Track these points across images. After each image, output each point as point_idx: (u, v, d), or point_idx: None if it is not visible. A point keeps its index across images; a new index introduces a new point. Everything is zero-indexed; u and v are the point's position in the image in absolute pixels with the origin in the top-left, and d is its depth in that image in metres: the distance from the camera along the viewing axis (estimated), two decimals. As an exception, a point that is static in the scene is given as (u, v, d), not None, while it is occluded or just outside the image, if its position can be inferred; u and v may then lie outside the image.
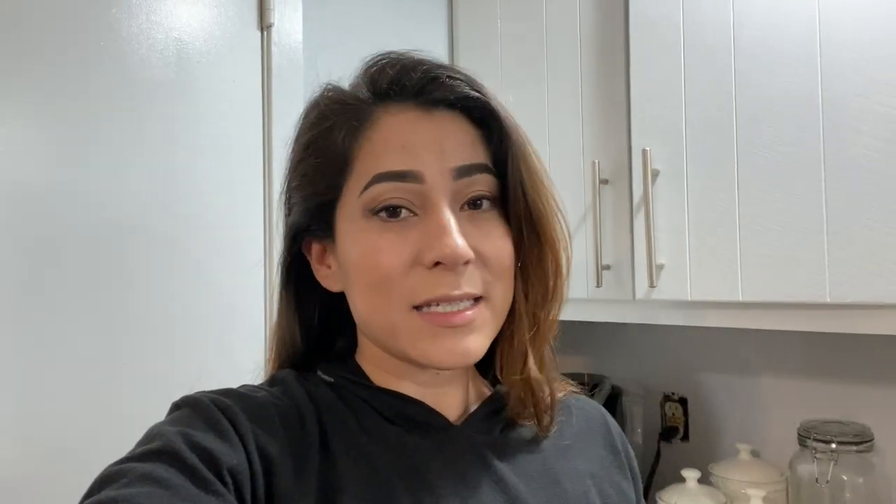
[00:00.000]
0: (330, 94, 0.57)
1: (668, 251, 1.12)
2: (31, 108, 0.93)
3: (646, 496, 1.40)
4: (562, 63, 1.33)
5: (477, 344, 0.51)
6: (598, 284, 1.23)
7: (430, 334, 0.51)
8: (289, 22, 1.21)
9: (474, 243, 0.51)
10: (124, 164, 1.01)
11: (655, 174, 1.13)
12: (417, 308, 0.51)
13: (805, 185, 0.97)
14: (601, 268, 1.23)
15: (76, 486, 0.43)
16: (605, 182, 1.25)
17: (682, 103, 1.11)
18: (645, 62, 1.16)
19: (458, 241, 0.49)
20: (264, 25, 1.19)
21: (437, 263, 0.50)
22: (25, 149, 0.93)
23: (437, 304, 0.51)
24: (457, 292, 0.50)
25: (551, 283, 0.56)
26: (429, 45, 1.49)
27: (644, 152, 1.13)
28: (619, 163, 1.23)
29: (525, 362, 0.56)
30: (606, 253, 1.24)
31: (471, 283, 0.51)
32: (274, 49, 1.18)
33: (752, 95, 1.02)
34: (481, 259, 0.52)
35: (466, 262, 0.50)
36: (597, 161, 1.23)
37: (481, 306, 0.52)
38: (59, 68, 0.96)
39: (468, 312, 0.51)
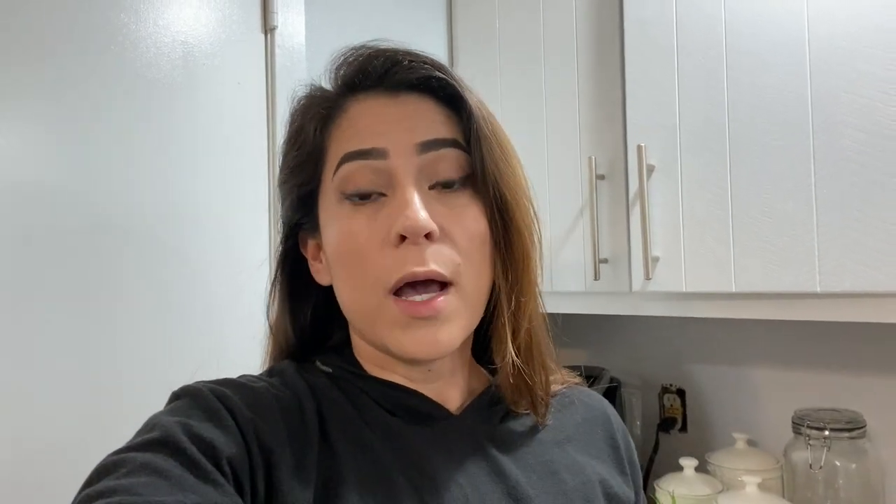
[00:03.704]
0: (305, 91, 0.59)
1: (664, 244, 1.15)
2: (41, 109, 0.95)
3: (644, 485, 1.43)
4: (558, 62, 1.36)
5: (448, 335, 0.51)
6: (596, 278, 1.25)
7: (404, 325, 0.51)
8: (292, 25, 1.24)
9: (441, 221, 0.51)
10: (130, 165, 1.03)
11: (650, 170, 1.16)
12: (393, 294, 0.51)
13: (795, 178, 0.99)
14: (598, 261, 1.25)
15: (72, 483, 0.43)
16: (601, 178, 1.27)
17: (675, 101, 1.13)
18: (639, 61, 1.19)
19: (420, 213, 0.49)
20: (268, 28, 1.22)
21: (402, 239, 0.50)
22: (33, 150, 0.95)
23: (408, 295, 0.51)
24: (421, 269, 0.50)
25: (521, 264, 0.55)
26: (428, 44, 1.51)
27: (639, 148, 1.15)
28: (615, 159, 1.26)
29: (507, 346, 0.55)
30: (603, 247, 1.27)
31: (437, 260, 0.50)
32: (277, 51, 1.21)
33: (744, 92, 1.05)
34: (448, 237, 0.52)
35: (429, 236, 0.50)
36: (593, 157, 1.26)
37: (451, 294, 0.51)
38: (68, 71, 0.98)
39: (437, 301, 0.50)
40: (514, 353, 0.55)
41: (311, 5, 1.28)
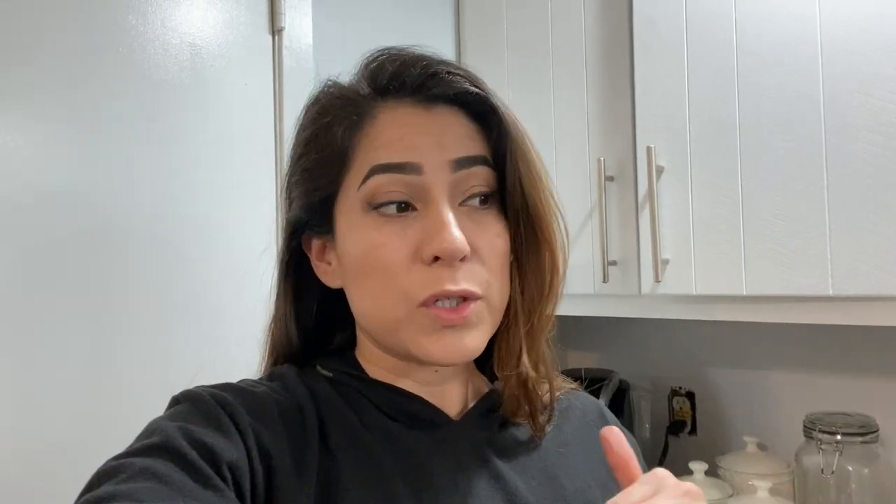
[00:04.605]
0: (330, 89, 0.57)
1: (673, 246, 1.14)
2: (47, 111, 0.96)
3: (654, 489, 1.42)
4: (567, 63, 1.35)
5: (475, 341, 0.52)
6: (605, 280, 1.24)
7: (431, 331, 0.51)
8: (299, 26, 1.24)
9: (472, 239, 0.51)
10: (137, 166, 1.04)
11: (660, 171, 1.15)
12: (422, 305, 0.51)
13: (807, 179, 0.98)
14: (607, 263, 1.24)
15: (74, 484, 0.43)
16: (610, 179, 1.26)
17: (685, 101, 1.12)
18: (648, 61, 1.18)
19: (457, 235, 0.49)
20: (275, 29, 1.21)
21: (435, 259, 0.50)
22: (39, 151, 0.95)
23: (437, 302, 0.51)
24: (455, 288, 0.50)
25: (548, 280, 0.55)
26: (436, 46, 1.51)
27: (649, 149, 1.14)
28: (624, 160, 1.25)
29: (519, 359, 0.55)
30: (613, 249, 1.26)
31: (469, 279, 0.51)
32: (285, 52, 1.21)
33: (754, 93, 1.04)
34: (478, 255, 0.52)
35: (464, 258, 0.50)
36: (602, 159, 1.25)
37: (479, 304, 0.52)
38: (75, 72, 0.98)
39: (467, 309, 0.51)
40: (529, 367, 0.56)
41: (318, 7, 1.27)
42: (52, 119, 0.96)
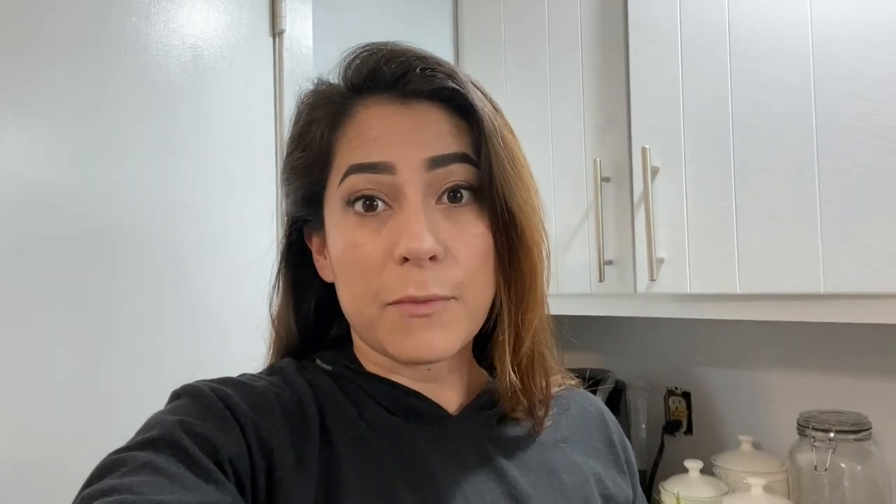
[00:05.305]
0: (313, 88, 0.57)
1: (668, 246, 1.15)
2: (49, 111, 0.97)
3: (650, 488, 1.43)
4: (563, 65, 1.37)
5: (446, 341, 0.51)
6: (601, 279, 1.25)
7: (400, 329, 0.50)
8: (299, 28, 1.25)
9: (447, 239, 0.51)
10: (139, 167, 1.05)
11: (655, 171, 1.16)
12: (387, 305, 0.51)
13: (799, 179, 0.99)
14: (603, 263, 1.26)
15: (73, 481, 0.44)
16: (606, 180, 1.28)
17: (680, 102, 1.14)
18: (644, 63, 1.19)
19: (423, 236, 0.49)
20: (276, 32, 1.23)
21: (405, 259, 0.49)
22: (41, 152, 0.96)
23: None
24: (420, 294, 0.49)
25: (528, 281, 0.54)
26: (434, 48, 1.52)
27: (644, 150, 1.16)
28: (619, 161, 1.27)
29: (512, 356, 0.55)
30: (608, 248, 1.27)
31: (439, 282, 0.50)
32: (285, 54, 1.22)
33: (748, 93, 1.05)
34: (453, 255, 0.51)
35: (433, 258, 0.49)
36: (598, 159, 1.26)
37: (452, 303, 0.51)
38: (77, 73, 0.99)
39: (436, 302, 0.50)
40: (512, 371, 0.55)
41: (318, 9, 1.29)
42: (52, 119, 0.97)
